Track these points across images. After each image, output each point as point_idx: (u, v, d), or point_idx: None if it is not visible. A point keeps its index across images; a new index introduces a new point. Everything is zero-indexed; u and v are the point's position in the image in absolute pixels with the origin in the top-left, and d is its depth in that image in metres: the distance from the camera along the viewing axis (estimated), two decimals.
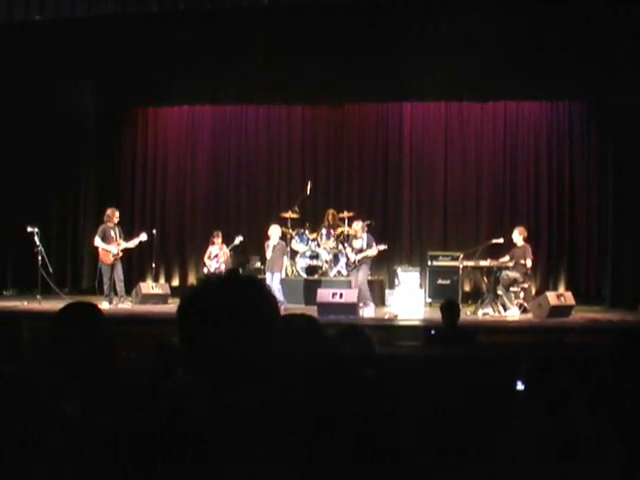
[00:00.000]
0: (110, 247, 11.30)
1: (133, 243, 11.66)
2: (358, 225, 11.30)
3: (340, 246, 12.20)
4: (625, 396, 2.65)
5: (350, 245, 11.52)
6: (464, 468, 2.54)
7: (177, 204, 14.37)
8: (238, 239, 12.14)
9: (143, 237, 11.74)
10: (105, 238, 11.35)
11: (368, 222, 11.86)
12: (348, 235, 12.04)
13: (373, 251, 11.09)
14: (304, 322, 2.10)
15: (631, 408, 2.59)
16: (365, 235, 11.24)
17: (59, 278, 12.74)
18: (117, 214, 11.56)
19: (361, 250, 11.11)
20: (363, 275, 11.04)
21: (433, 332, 7.18)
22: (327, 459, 1.57)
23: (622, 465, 2.29)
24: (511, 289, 10.87)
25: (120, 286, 11.45)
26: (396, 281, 12.49)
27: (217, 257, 12.11)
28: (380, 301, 12.12)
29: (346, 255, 11.76)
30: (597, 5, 11.10)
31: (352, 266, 11.30)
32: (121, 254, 11.46)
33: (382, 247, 11.20)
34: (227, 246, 12.19)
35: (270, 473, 1.47)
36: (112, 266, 11.34)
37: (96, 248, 11.53)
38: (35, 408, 1.93)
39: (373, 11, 11.58)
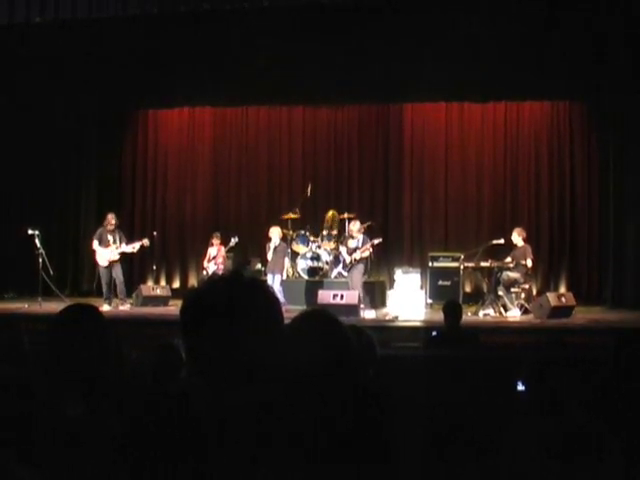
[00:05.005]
0: (105, 251, 11.36)
1: (133, 247, 11.68)
2: (355, 225, 11.29)
3: (340, 247, 12.17)
4: (626, 397, 2.65)
5: (345, 245, 11.49)
6: (465, 469, 2.54)
7: (178, 205, 14.37)
8: (233, 240, 12.15)
9: (145, 242, 11.77)
10: (101, 242, 11.45)
11: (369, 223, 11.84)
12: (345, 235, 12.01)
13: (366, 252, 11.07)
14: (326, 318, 2.10)
15: (631, 409, 2.60)
16: (361, 236, 11.20)
17: (60, 280, 12.74)
18: (114, 219, 11.61)
19: (355, 250, 11.08)
20: (357, 277, 11.03)
21: (435, 333, 7.17)
22: (328, 460, 1.57)
23: (622, 466, 2.29)
24: (512, 290, 10.87)
25: (120, 287, 11.50)
26: (395, 282, 12.47)
27: (215, 259, 12.12)
28: (381, 302, 12.10)
29: (341, 255, 11.75)
30: (597, 5, 11.11)
31: (348, 266, 11.27)
32: (119, 257, 11.48)
33: (377, 240, 11.19)
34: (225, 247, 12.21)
35: (273, 474, 1.47)
36: (109, 268, 11.43)
37: (94, 251, 11.60)
38: (36, 410, 1.94)
39: (373, 12, 11.59)
